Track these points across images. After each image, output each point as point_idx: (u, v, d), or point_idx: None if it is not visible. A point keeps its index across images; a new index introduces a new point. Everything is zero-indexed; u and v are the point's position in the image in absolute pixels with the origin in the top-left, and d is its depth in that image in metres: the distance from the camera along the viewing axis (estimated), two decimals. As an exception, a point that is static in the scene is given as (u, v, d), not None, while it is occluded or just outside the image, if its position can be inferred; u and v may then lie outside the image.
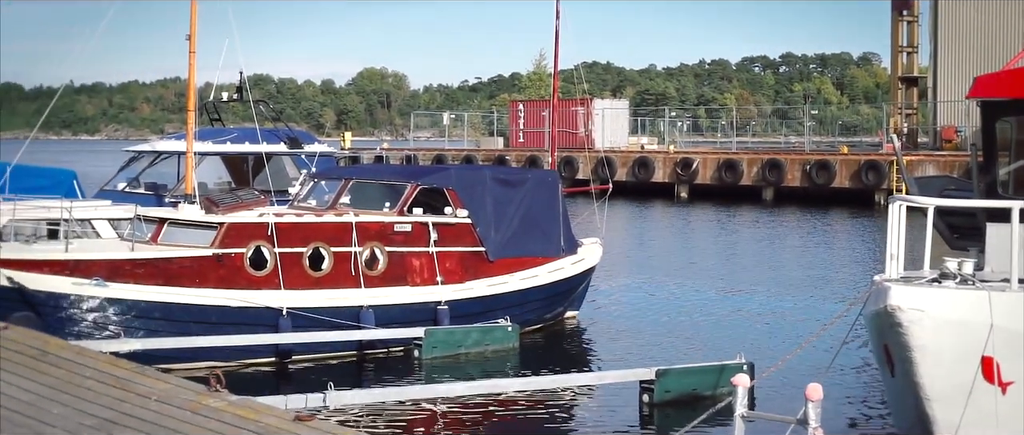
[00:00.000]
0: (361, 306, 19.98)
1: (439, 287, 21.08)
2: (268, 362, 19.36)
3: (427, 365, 19.60)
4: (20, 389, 10.89)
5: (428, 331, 20.04)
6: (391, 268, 20.69)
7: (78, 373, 11.57)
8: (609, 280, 29.70)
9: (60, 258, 18.36)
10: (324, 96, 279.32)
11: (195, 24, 21.33)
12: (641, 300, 27.56)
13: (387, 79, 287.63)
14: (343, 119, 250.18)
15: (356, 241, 20.30)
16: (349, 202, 21.53)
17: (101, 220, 22.11)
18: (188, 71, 21.67)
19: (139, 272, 18.64)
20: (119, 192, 27.61)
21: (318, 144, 31.09)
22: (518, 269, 22.43)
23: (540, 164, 65.01)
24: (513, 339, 20.92)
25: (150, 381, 11.28)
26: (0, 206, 21.56)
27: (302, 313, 19.28)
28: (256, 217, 19.88)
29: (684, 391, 16.96)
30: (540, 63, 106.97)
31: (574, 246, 24.03)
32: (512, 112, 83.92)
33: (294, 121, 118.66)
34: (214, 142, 28.08)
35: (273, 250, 19.54)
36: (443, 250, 21.30)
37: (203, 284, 18.96)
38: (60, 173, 28.31)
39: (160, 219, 20.17)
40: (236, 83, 29.54)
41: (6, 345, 12.94)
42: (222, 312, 18.87)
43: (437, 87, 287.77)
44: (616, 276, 30.94)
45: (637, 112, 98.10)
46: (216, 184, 28.17)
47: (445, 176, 22.69)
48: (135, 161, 29.99)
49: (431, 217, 21.35)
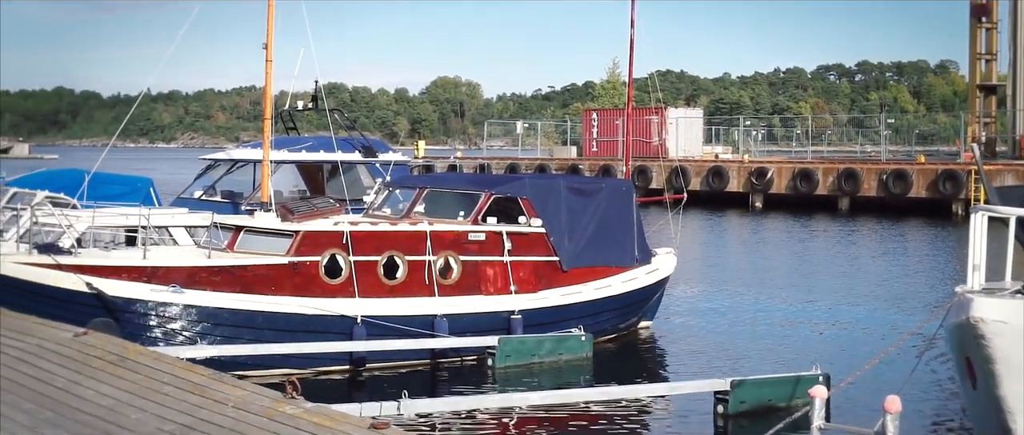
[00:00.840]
0: (435, 315, 20.00)
1: (513, 296, 21.06)
2: (342, 370, 19.43)
3: (500, 374, 19.58)
4: (99, 394, 11.00)
5: (502, 340, 20.02)
6: (465, 277, 20.70)
7: (156, 379, 11.67)
8: (683, 290, 29.54)
9: (138, 265, 18.55)
10: (398, 105, 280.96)
11: (272, 33, 21.49)
12: (715, 310, 27.36)
13: (461, 88, 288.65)
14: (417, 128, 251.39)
15: (430, 250, 20.33)
16: (423, 211, 21.57)
17: (178, 227, 22.30)
18: (265, 80, 21.83)
19: (215, 279, 18.78)
20: (196, 200, 27.83)
21: (392, 153, 31.14)
22: (592, 279, 22.35)
23: (614, 173, 64.85)
24: (586, 349, 20.84)
25: (226, 387, 11.34)
26: (79, 213, 21.82)
27: (376, 321, 19.34)
28: (331, 225, 19.97)
29: (759, 402, 16.79)
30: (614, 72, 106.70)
31: (648, 256, 23.91)
32: (586, 121, 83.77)
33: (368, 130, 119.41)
34: (289, 150, 28.22)
35: (348, 258, 19.61)
36: (517, 259, 21.27)
37: (278, 292, 19.08)
38: (137, 181, 28.63)
39: (236, 227, 20.33)
40: (311, 92, 29.69)
41: (86, 350, 13.09)
42: (297, 319, 18.97)
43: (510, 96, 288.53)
44: (690, 286, 30.76)
45: (711, 121, 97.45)
46: (291, 192, 28.31)
47: (519, 185, 22.66)
48: (211, 169, 30.21)
49: (505, 226, 21.33)
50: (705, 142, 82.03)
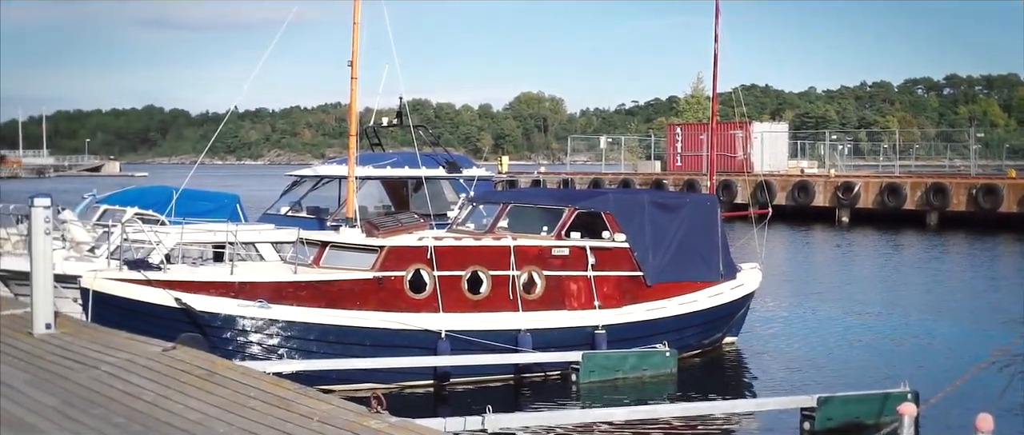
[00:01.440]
0: (519, 330, 20.01)
1: (597, 311, 21.01)
2: (426, 384, 19.49)
3: (584, 389, 19.53)
4: (187, 408, 11.12)
5: (586, 355, 19.97)
6: (549, 292, 20.69)
7: (243, 393, 11.77)
8: (769, 305, 29.28)
9: (226, 280, 18.75)
10: (481, 120, 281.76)
11: (357, 51, 21.67)
12: (801, 326, 27.09)
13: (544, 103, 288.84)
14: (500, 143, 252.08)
15: (514, 265, 20.35)
16: (507, 226, 21.61)
17: (265, 243, 22.53)
18: (350, 97, 22.01)
19: (302, 294, 18.94)
20: (282, 216, 28.12)
21: (476, 168, 31.29)
22: (676, 294, 22.25)
23: (698, 188, 64.56)
24: (671, 364, 20.73)
25: (312, 401, 11.41)
26: (168, 229, 22.12)
27: (461, 336, 19.38)
28: (416, 240, 20.06)
29: (846, 419, 16.60)
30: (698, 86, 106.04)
31: (733, 271, 23.75)
32: (670, 135, 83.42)
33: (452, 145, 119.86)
34: (374, 166, 28.43)
35: (432, 273, 19.69)
36: (601, 274, 21.22)
37: (364, 306, 19.19)
38: (224, 197, 28.99)
39: (322, 242, 20.51)
40: (396, 108, 29.95)
41: (175, 365, 13.24)
42: (382, 334, 19.07)
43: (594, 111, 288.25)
44: (776, 301, 30.49)
45: (797, 135, 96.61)
46: (376, 208, 28.52)
47: (603, 200, 22.61)
48: (297, 185, 30.53)
49: (589, 241, 21.30)
50: (790, 156, 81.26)
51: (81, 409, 11.09)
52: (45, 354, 14.00)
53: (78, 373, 12.84)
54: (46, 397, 11.63)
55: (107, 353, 14.01)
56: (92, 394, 11.77)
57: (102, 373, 12.83)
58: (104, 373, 12.82)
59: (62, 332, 15.46)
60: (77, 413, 10.94)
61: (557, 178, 77.81)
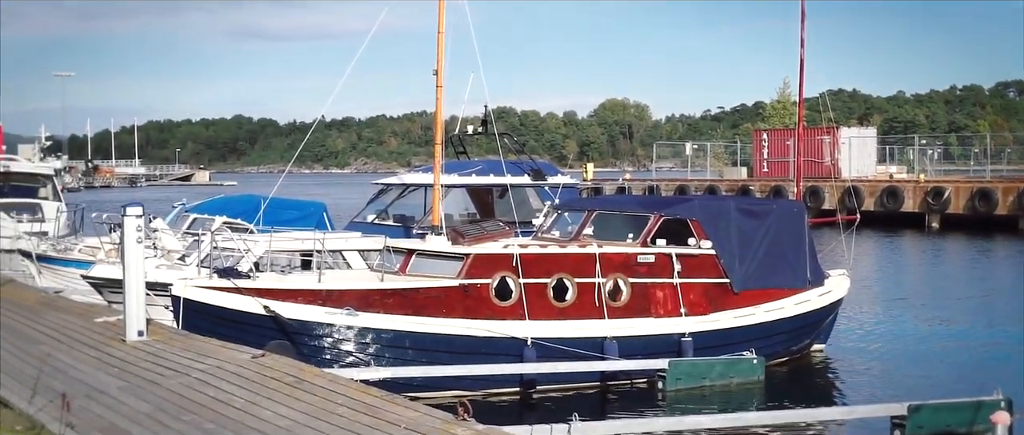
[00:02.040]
0: (605, 337, 19.97)
1: (683, 319, 20.90)
2: (512, 392, 19.49)
3: (671, 397, 19.44)
4: (277, 414, 11.24)
5: (672, 363, 19.88)
6: (635, 299, 20.62)
7: (331, 400, 11.87)
8: (857, 312, 28.94)
9: (313, 288, 18.92)
10: (566, 128, 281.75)
11: (442, 59, 21.76)
12: (891, 333, 26.74)
13: (629, 110, 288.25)
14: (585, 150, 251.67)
15: (600, 272, 20.31)
16: (592, 233, 21.57)
17: (352, 251, 22.68)
18: (435, 105, 22.11)
19: (388, 302, 19.05)
20: (368, 224, 28.30)
21: (561, 175, 31.25)
22: (763, 301, 22.06)
23: (785, 194, 63.99)
24: (759, 372, 20.57)
25: (399, 409, 11.47)
26: (257, 238, 22.35)
27: (546, 343, 19.38)
28: (501, 248, 20.09)
29: (938, 428, 16.35)
30: (784, 91, 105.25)
31: (821, 278, 23.51)
32: (756, 141, 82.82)
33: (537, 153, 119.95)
34: (460, 174, 28.52)
35: (518, 281, 19.71)
36: (687, 281, 21.11)
37: (450, 314, 19.26)
38: (311, 205, 29.26)
39: (408, 250, 20.61)
40: (481, 116, 30.00)
41: (264, 372, 13.39)
42: (468, 342, 19.12)
43: (679, 117, 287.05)
44: (865, 308, 30.14)
45: (885, 140, 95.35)
46: (462, 216, 28.61)
47: (688, 207, 22.50)
48: (383, 193, 30.70)
49: (675, 248, 21.20)
50: (879, 162, 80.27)
51: (173, 415, 11.25)
52: (137, 361, 14.23)
53: (169, 380, 13.03)
54: (139, 403, 11.81)
55: (197, 360, 14.20)
56: (183, 400, 11.94)
57: (193, 380, 13.01)
58: (194, 380, 13.00)
59: (154, 339, 15.70)
60: (169, 419, 11.10)
61: (642, 185, 77.61)
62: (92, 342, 15.75)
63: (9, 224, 33.72)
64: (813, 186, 64.77)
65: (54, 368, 13.61)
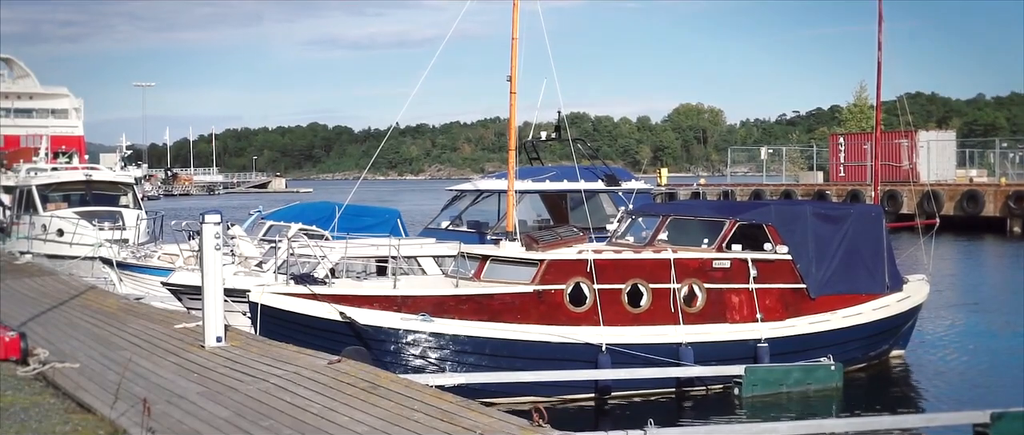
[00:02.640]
0: (680, 343, 19.87)
1: (759, 324, 20.76)
2: (587, 398, 19.47)
3: (747, 403, 19.31)
4: (353, 420, 11.30)
5: (748, 369, 19.75)
6: (710, 305, 20.51)
7: (407, 406, 11.92)
8: (937, 318, 28.59)
9: (389, 294, 19.02)
10: (640, 133, 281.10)
11: (516, 65, 21.80)
12: (972, 339, 26.36)
13: (703, 114, 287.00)
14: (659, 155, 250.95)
15: (675, 277, 20.23)
16: (667, 239, 21.50)
17: (427, 257, 22.79)
18: (509, 111, 22.15)
19: (463, 308, 19.10)
20: (443, 230, 28.40)
21: (635, 181, 31.18)
22: (841, 306, 21.86)
23: (862, 199, 63.36)
24: (836, 378, 20.37)
25: (474, 415, 11.50)
26: (333, 244, 22.52)
27: (621, 349, 19.33)
28: (576, 254, 20.08)
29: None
30: (861, 95, 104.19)
31: (899, 283, 23.25)
32: (832, 145, 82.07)
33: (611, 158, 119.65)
34: (534, 180, 28.55)
35: (592, 286, 19.68)
36: (763, 287, 20.97)
37: (524, 320, 19.27)
38: (385, 212, 29.44)
39: (482, 256, 20.66)
40: (555, 122, 30.01)
41: (340, 378, 13.48)
42: (543, 347, 19.11)
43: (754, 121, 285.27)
44: (945, 314, 29.76)
45: (964, 144, 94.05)
46: (535, 221, 28.63)
47: (764, 212, 22.35)
48: (458, 200, 30.80)
49: (750, 253, 21.07)
50: (958, 165, 79.22)
51: (251, 420, 11.36)
52: (216, 366, 14.38)
53: (248, 385, 13.15)
54: (218, 408, 11.94)
55: (275, 366, 14.33)
56: (261, 406, 12.05)
57: (270, 385, 13.12)
58: (272, 385, 13.12)
59: (232, 345, 15.86)
60: (247, 424, 11.21)
61: (717, 190, 77.17)
62: (172, 348, 15.95)
63: (91, 231, 34.29)
64: (891, 190, 64.07)
65: (135, 374, 13.79)
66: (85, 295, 22.71)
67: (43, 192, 39.64)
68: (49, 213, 38.13)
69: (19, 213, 40.69)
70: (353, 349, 17.52)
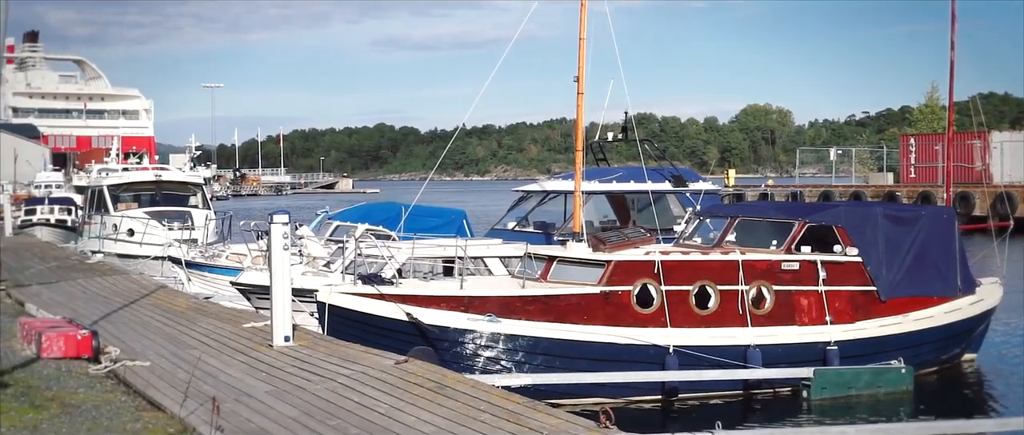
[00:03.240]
0: (748, 345, 19.74)
1: (828, 327, 20.57)
2: (654, 400, 19.39)
3: (816, 406, 19.13)
4: (420, 420, 11.31)
5: (817, 372, 19.56)
6: (778, 307, 20.36)
7: (473, 406, 11.91)
8: (1010, 321, 28.14)
9: (455, 294, 19.04)
10: (707, 133, 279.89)
11: (583, 66, 21.76)
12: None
13: (771, 115, 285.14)
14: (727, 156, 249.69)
15: (743, 279, 20.10)
16: (735, 240, 21.37)
17: (493, 258, 22.79)
18: (576, 112, 22.11)
19: (530, 308, 19.09)
20: (509, 231, 28.38)
21: (702, 182, 31.01)
22: (911, 309, 21.61)
23: (933, 200, 62.61)
24: (907, 382, 20.13)
25: (541, 416, 11.46)
26: (400, 245, 22.58)
27: (689, 351, 19.23)
28: (643, 255, 20.01)
29: (1097, 441, 15.82)
30: (933, 95, 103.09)
31: (972, 286, 22.94)
32: (903, 146, 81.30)
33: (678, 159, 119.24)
34: (600, 181, 28.46)
35: (660, 288, 19.60)
36: (832, 289, 20.78)
37: (591, 321, 19.22)
38: (451, 213, 29.48)
39: (549, 257, 20.63)
40: (621, 123, 29.91)
41: (407, 378, 13.49)
42: (610, 349, 19.06)
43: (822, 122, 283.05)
44: (1019, 317, 29.29)
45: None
46: (602, 223, 28.54)
47: (833, 213, 22.16)
48: (524, 200, 30.77)
49: (819, 255, 20.88)
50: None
51: (319, 420, 11.40)
52: (284, 366, 14.46)
53: (315, 385, 13.21)
54: (286, 407, 12.00)
55: (342, 365, 14.38)
56: (329, 405, 12.09)
57: (338, 385, 13.17)
58: (340, 385, 13.16)
59: (300, 345, 15.94)
60: (315, 423, 11.25)
61: (785, 191, 76.63)
62: (241, 347, 16.06)
63: (160, 231, 34.65)
64: (963, 192, 63.27)
65: (205, 372, 13.90)
66: (155, 294, 22.94)
67: (114, 192, 40.09)
68: (120, 213, 38.55)
69: (91, 213, 41.20)
70: (420, 349, 17.56)
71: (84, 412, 11.57)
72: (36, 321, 16.92)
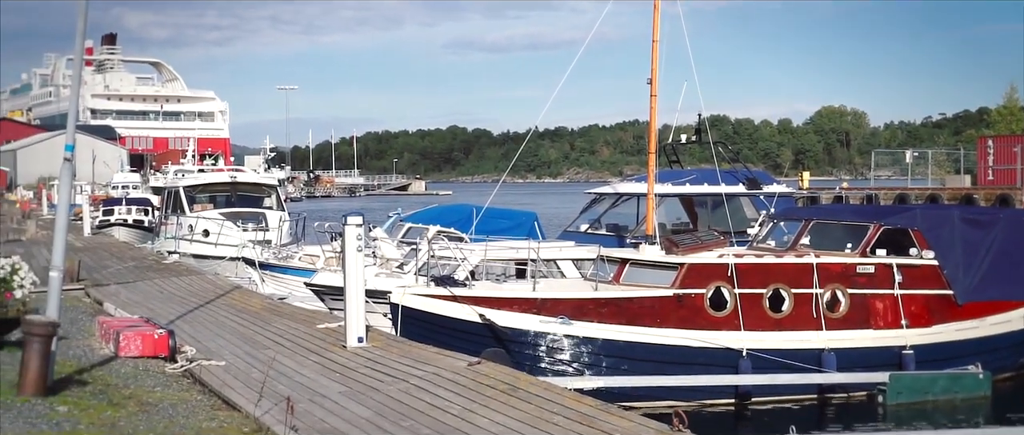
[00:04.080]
0: (822, 349, 19.56)
1: (904, 331, 20.35)
2: (727, 404, 19.28)
3: (892, 412, 18.93)
4: (492, 422, 11.32)
5: (893, 376, 19.35)
6: (853, 310, 20.17)
7: (546, 408, 11.90)
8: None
9: (528, 296, 19.05)
10: (781, 136, 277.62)
11: (656, 68, 21.70)
12: None
13: (846, 117, 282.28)
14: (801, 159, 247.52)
15: (817, 282, 19.94)
16: (809, 243, 21.20)
17: (566, 260, 22.78)
18: (649, 114, 22.05)
19: (602, 311, 19.06)
20: (582, 233, 28.36)
21: (776, 184, 30.82)
22: (990, 313, 21.31)
23: (1012, 203, 61.75)
24: (985, 387, 19.85)
25: (614, 419, 11.43)
26: (473, 247, 22.63)
27: (762, 355, 19.10)
28: (716, 258, 19.91)
29: None
30: (1011, 96, 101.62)
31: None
32: (980, 148, 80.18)
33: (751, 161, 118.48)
34: (673, 183, 28.37)
35: (733, 291, 19.49)
36: (908, 292, 20.56)
37: (663, 324, 19.16)
38: (522, 215, 29.52)
39: (622, 259, 20.59)
40: (694, 125, 29.79)
41: (480, 380, 13.52)
42: (682, 352, 18.98)
43: (898, 124, 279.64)
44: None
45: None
46: (675, 225, 28.46)
47: (910, 216, 21.92)
48: (597, 203, 30.74)
49: (895, 258, 20.66)
50: (1117, 168, 76.75)
51: (392, 421, 11.45)
52: (358, 366, 14.54)
53: (388, 385, 13.27)
54: (359, 408, 12.06)
55: (415, 366, 14.43)
56: (401, 406, 12.13)
57: (411, 386, 13.22)
58: (413, 386, 13.21)
59: (373, 346, 16.02)
60: (388, 424, 11.30)
61: (860, 194, 75.85)
62: (315, 347, 16.17)
63: (235, 232, 35.01)
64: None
65: (279, 372, 14.01)
66: (230, 294, 23.17)
67: (190, 193, 40.59)
68: (195, 214, 39.01)
69: (167, 214, 41.72)
70: (492, 351, 17.59)
71: (161, 410, 11.71)
72: (114, 320, 17.16)
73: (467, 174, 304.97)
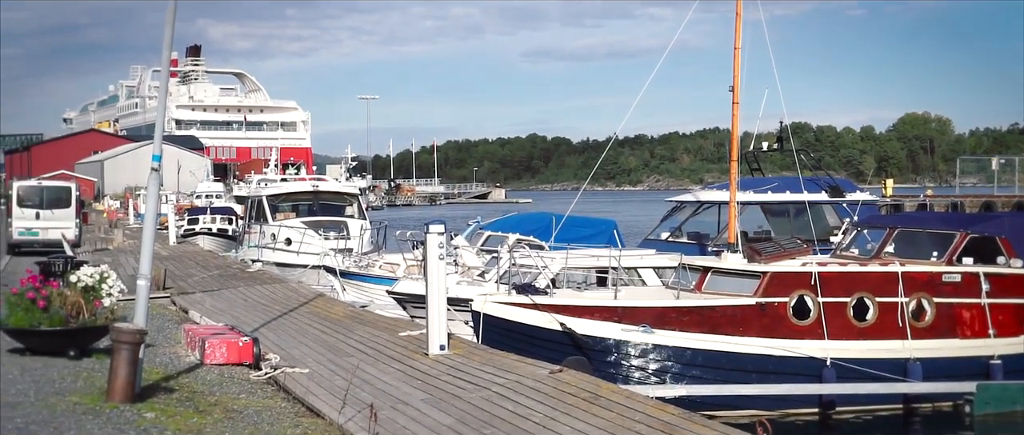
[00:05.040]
0: (907, 358, 19.34)
1: (991, 340, 20.06)
2: (811, 412, 19.11)
3: (979, 423, 18.65)
4: (574, 430, 11.32)
5: (980, 386, 19.07)
6: (939, 320, 19.91)
7: (627, 417, 11.87)
8: None
9: (609, 305, 19.01)
10: (864, 143, 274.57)
11: (738, 75, 21.59)
12: None
13: (930, 124, 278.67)
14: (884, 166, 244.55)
15: (902, 291, 19.70)
16: (893, 251, 20.98)
17: (647, 268, 22.70)
18: (731, 121, 21.93)
19: (684, 320, 18.97)
20: (663, 241, 28.27)
21: (859, 192, 30.51)
22: (1081, 323, 20.92)
23: (1102, 210, 60.58)
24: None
25: (696, 427, 11.38)
26: (554, 254, 22.63)
27: (846, 364, 18.91)
28: (799, 266, 19.75)
29: None
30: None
31: None
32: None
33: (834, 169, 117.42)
34: (755, 191, 28.19)
35: (817, 299, 19.32)
36: (996, 301, 20.25)
37: (746, 332, 19.04)
38: (602, 223, 29.49)
39: (704, 268, 20.49)
40: (776, 132, 29.59)
41: (561, 387, 13.51)
42: (765, 361, 18.85)
43: (984, 131, 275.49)
44: None
45: None
46: (757, 233, 28.27)
47: (997, 224, 21.60)
48: (677, 211, 30.62)
49: (983, 267, 20.37)
50: None
51: (474, 428, 11.48)
52: (440, 374, 14.59)
53: (470, 393, 13.30)
54: (441, 415, 12.11)
55: (497, 374, 14.45)
56: (484, 414, 12.16)
57: (492, 393, 13.24)
58: (494, 393, 13.23)
59: (455, 353, 16.07)
60: (470, 432, 11.34)
61: (945, 201, 74.85)
62: (397, 355, 16.25)
63: (317, 241, 35.26)
64: None
65: (362, 380, 14.10)
66: (313, 302, 23.34)
67: (273, 202, 40.92)
68: (278, 222, 39.34)
69: (250, 222, 42.12)
70: (574, 359, 17.58)
71: (246, 417, 11.83)
72: (199, 328, 17.37)
73: (546, 182, 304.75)
